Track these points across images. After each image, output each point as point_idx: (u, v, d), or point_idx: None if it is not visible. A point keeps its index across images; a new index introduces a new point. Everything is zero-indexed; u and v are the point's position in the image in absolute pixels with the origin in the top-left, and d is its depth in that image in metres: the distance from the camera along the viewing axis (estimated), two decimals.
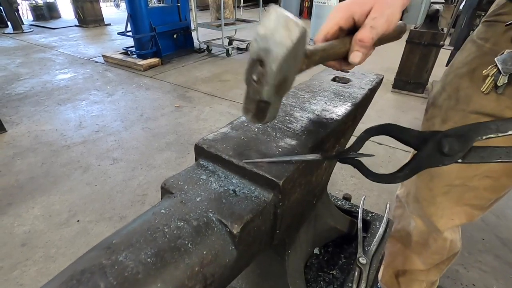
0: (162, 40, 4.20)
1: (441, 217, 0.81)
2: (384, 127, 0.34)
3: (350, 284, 0.52)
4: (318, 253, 0.63)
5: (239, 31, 5.35)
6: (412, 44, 3.14)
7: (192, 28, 4.71)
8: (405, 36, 3.31)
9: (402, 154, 2.30)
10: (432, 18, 2.96)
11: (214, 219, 0.29)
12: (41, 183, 1.88)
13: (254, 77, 0.30)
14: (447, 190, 0.75)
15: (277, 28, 0.27)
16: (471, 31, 2.31)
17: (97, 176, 1.96)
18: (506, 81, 0.58)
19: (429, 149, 0.31)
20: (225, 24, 4.43)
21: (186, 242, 0.26)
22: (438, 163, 0.30)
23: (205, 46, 4.80)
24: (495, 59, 0.58)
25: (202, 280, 0.26)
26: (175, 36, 4.46)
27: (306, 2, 8.04)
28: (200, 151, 0.37)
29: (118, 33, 4.20)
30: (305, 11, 8.19)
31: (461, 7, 4.40)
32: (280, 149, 0.36)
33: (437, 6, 2.84)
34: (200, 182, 0.33)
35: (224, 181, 0.34)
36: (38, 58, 4.45)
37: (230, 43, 5.02)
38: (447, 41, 4.78)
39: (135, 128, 2.55)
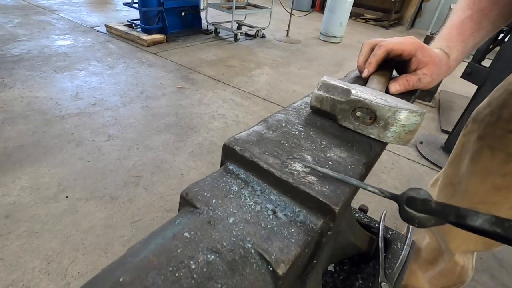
0: (169, 17, 4.02)
1: (455, 238, 0.76)
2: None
3: None
4: (333, 270, 0.57)
5: (249, 16, 5.18)
6: None
7: (202, 7, 4.53)
8: None
9: (406, 162, 2.25)
10: None
11: (253, 251, 0.22)
12: (30, 153, 1.79)
13: None
14: None
15: None
16: (491, 45, 2.24)
17: (91, 152, 1.87)
18: None
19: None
20: (236, 8, 4.26)
21: (219, 286, 0.19)
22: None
23: (213, 28, 4.63)
24: None
25: None
26: (183, 13, 4.28)
27: None
28: (230, 154, 0.30)
29: (124, 4, 4.01)
30: (317, 4, 7.98)
31: None
32: (330, 162, 0.29)
33: None
34: (231, 196, 0.26)
35: (261, 196, 0.27)
36: (38, 20, 4.24)
37: (239, 27, 4.86)
38: None
39: (134, 106, 2.45)
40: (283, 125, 0.35)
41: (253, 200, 0.26)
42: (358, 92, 0.34)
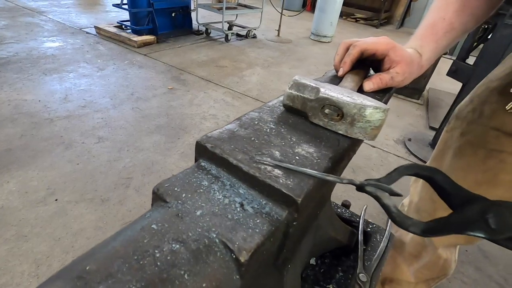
0: (160, 18, 4.01)
1: None
2: (430, 171, 0.27)
3: None
4: (314, 263, 0.59)
5: (240, 16, 5.19)
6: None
7: (192, 8, 4.52)
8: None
9: (394, 158, 2.29)
10: None
11: (217, 241, 0.23)
12: (18, 156, 1.77)
13: None
14: None
15: None
16: (475, 43, 2.29)
17: (80, 154, 1.86)
18: None
19: (472, 213, 0.24)
20: (227, 8, 4.27)
21: (182, 272, 0.20)
22: (477, 232, 0.23)
23: (203, 29, 4.63)
24: None
25: None
26: (173, 14, 4.27)
27: None
28: (202, 151, 0.31)
29: (113, 5, 3.98)
30: (308, 3, 8.03)
31: None
32: (297, 157, 0.31)
33: None
34: (201, 190, 0.28)
35: (230, 190, 0.28)
36: (25, 22, 4.18)
37: (230, 28, 4.87)
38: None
39: (125, 107, 2.44)
40: (256, 123, 0.36)
41: (222, 194, 0.28)
42: (327, 90, 0.36)
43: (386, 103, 0.52)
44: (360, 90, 0.50)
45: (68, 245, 1.32)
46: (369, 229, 0.65)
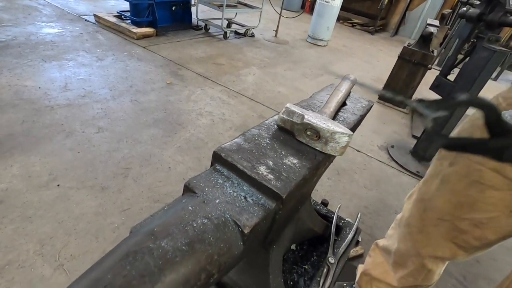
0: (160, 11, 4.05)
1: (426, 245, 0.87)
2: (484, 105, 0.38)
3: (318, 279, 0.62)
4: (295, 249, 0.72)
5: (239, 14, 5.26)
6: (403, 60, 3.29)
7: (193, 3, 4.57)
8: (398, 51, 3.45)
9: (377, 163, 2.46)
10: (425, 39, 3.10)
11: (230, 219, 0.36)
12: (21, 142, 1.85)
13: None
14: (437, 223, 0.81)
15: None
16: (456, 61, 2.47)
17: (81, 143, 1.95)
18: None
19: (501, 143, 0.36)
20: (227, 6, 4.35)
21: (210, 236, 0.33)
22: (496, 157, 0.36)
23: (203, 24, 4.69)
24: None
25: (217, 266, 0.33)
26: (173, 8, 4.32)
27: None
28: (218, 158, 0.44)
29: None
30: (307, 5, 8.15)
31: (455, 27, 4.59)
32: (284, 166, 0.44)
33: (431, 29, 2.98)
34: (218, 186, 0.40)
35: (237, 187, 0.41)
36: (23, 5, 4.15)
37: (229, 25, 4.94)
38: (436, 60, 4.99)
39: (124, 99, 2.52)
40: (256, 138, 0.49)
41: (232, 189, 0.41)
42: (309, 117, 0.49)
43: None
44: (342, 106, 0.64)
45: (70, 228, 1.42)
46: (341, 223, 0.79)
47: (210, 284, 0.33)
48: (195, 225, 0.33)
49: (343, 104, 0.69)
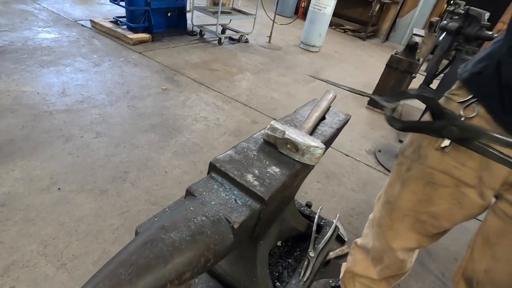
0: (156, 17, 4.14)
1: (396, 239, 1.00)
2: (424, 97, 0.55)
3: (300, 270, 0.72)
4: (280, 245, 0.82)
5: (233, 21, 5.38)
6: (391, 68, 3.43)
7: (188, 9, 4.67)
8: (388, 57, 3.59)
9: (364, 167, 2.58)
10: (411, 48, 3.25)
11: (223, 217, 0.46)
12: (21, 147, 1.91)
13: None
14: (403, 219, 0.94)
15: None
16: (437, 71, 2.61)
17: (80, 148, 2.02)
18: (448, 144, 0.71)
19: (440, 124, 0.53)
20: (222, 12, 4.45)
21: (207, 230, 0.43)
22: (436, 134, 0.52)
23: (198, 30, 4.79)
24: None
25: (213, 253, 0.43)
26: (169, 14, 4.40)
27: (303, 3, 8.15)
28: (213, 167, 0.54)
29: (110, 1, 4.08)
30: (300, 11, 8.31)
31: (440, 38, 4.79)
32: (268, 174, 0.54)
33: (417, 39, 3.13)
34: (213, 191, 0.50)
35: (229, 191, 0.51)
36: (19, 9, 4.20)
37: (223, 31, 5.05)
38: (423, 67, 5.17)
39: (121, 105, 2.60)
40: (245, 151, 0.59)
41: (225, 193, 0.50)
42: (289, 133, 0.59)
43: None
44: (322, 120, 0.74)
45: (71, 229, 1.50)
46: (322, 223, 0.89)
47: (207, 267, 0.42)
48: (196, 221, 0.43)
49: (323, 118, 0.80)
